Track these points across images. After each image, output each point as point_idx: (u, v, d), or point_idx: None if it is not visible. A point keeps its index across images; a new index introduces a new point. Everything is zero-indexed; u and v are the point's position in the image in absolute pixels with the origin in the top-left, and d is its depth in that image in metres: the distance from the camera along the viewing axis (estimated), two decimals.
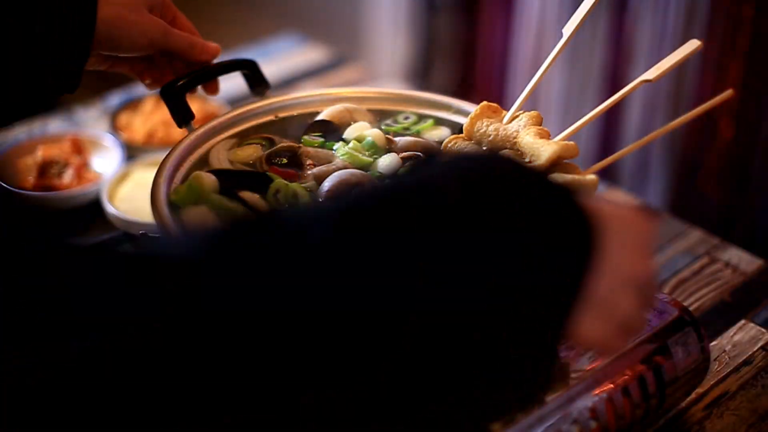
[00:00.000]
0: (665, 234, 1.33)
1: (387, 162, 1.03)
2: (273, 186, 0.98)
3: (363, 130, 1.08)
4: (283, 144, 1.07)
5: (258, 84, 1.14)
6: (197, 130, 1.06)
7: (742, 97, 1.66)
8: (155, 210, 0.93)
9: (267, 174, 1.01)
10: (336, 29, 2.66)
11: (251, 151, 1.06)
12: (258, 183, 0.99)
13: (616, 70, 1.91)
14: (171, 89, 1.07)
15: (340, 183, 0.99)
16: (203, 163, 1.05)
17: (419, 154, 1.04)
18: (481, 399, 0.67)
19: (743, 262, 1.27)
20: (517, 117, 1.04)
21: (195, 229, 0.83)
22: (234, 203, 0.95)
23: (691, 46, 0.99)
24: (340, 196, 0.93)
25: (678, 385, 0.97)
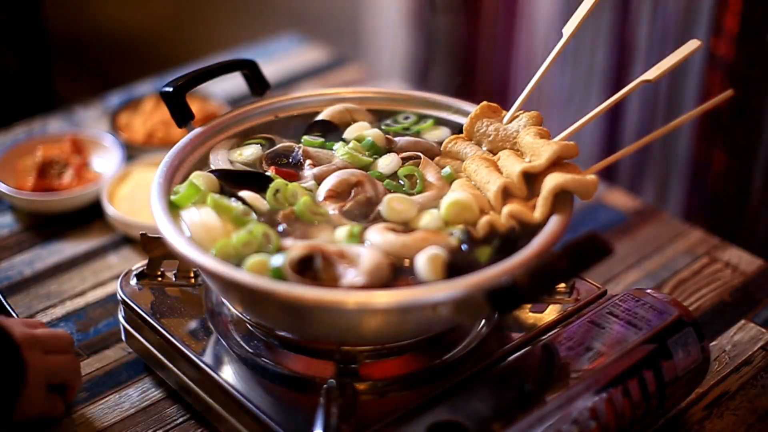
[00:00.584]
0: (665, 234, 1.33)
1: (387, 162, 1.03)
2: (273, 186, 0.98)
3: (363, 130, 1.08)
4: (283, 144, 1.07)
5: (258, 84, 1.14)
6: (197, 130, 1.06)
7: (742, 97, 1.66)
8: (155, 210, 0.93)
9: (267, 174, 1.01)
10: (336, 29, 2.66)
11: (251, 151, 1.06)
12: (258, 183, 0.99)
13: (616, 70, 1.90)
14: (171, 89, 1.07)
15: (340, 183, 0.99)
16: (203, 163, 1.05)
17: (419, 154, 1.04)
18: None
19: (743, 262, 1.26)
20: (517, 117, 1.04)
21: None
22: (234, 203, 0.95)
23: (691, 46, 0.99)
24: None
25: (678, 385, 0.97)
